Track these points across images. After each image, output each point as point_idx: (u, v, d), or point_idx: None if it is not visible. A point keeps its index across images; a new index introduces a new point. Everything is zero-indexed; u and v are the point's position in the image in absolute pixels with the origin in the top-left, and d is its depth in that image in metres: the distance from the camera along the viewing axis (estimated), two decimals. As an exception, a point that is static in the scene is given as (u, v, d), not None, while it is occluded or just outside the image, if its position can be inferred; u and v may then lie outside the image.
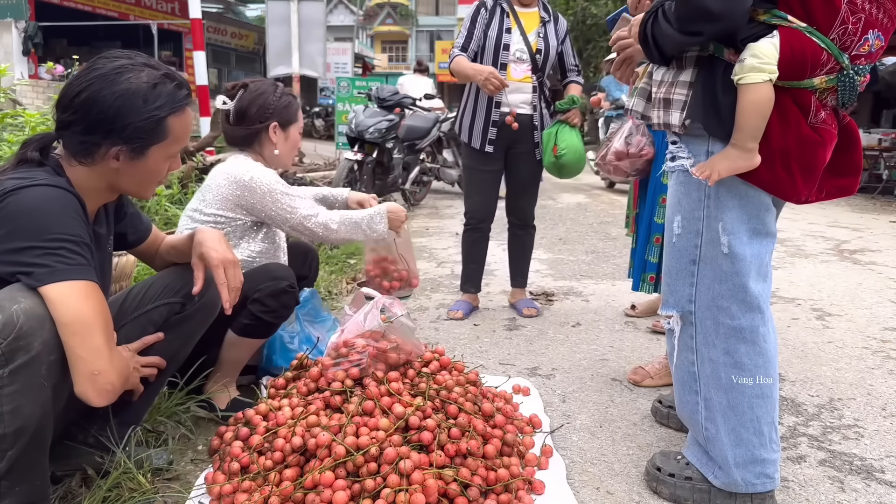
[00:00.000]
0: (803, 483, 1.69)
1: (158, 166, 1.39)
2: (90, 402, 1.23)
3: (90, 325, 1.19)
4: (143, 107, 1.29)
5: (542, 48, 2.90)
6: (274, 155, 2.10)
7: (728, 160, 1.39)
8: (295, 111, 2.13)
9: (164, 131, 1.34)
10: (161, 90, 1.32)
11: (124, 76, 1.29)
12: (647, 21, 1.45)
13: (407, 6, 40.10)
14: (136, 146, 1.32)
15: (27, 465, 1.20)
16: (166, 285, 1.60)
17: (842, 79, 1.36)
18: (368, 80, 10.10)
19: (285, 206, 2.00)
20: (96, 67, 1.29)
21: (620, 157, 2.43)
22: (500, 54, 2.87)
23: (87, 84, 1.27)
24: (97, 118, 1.27)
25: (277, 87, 2.12)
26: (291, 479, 1.45)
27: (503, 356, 2.60)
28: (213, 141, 5.14)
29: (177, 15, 15.23)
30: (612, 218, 6.38)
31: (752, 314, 1.49)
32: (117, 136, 1.29)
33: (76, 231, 1.23)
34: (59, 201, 1.23)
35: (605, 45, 18.15)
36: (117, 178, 1.37)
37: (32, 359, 1.15)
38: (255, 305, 1.89)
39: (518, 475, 1.55)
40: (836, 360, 2.61)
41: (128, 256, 2.23)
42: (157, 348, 1.55)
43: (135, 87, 1.29)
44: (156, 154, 1.36)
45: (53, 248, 1.18)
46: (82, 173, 1.33)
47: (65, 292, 1.17)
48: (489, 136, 2.94)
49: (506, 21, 2.88)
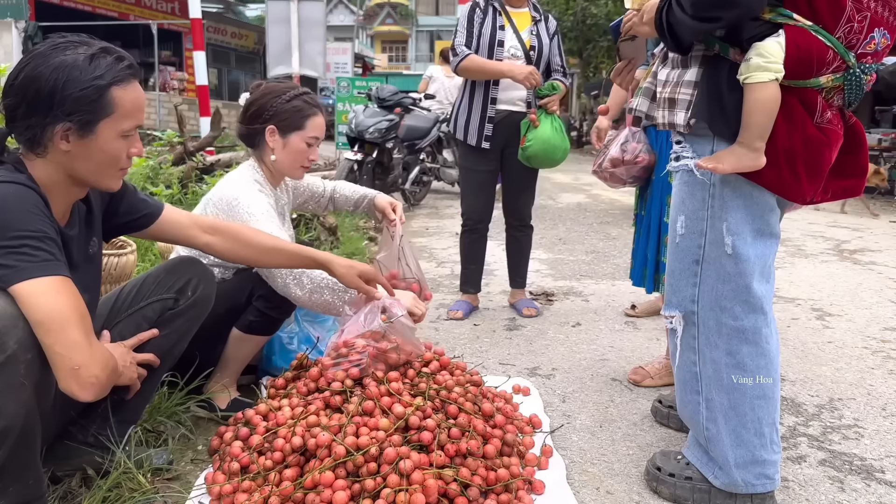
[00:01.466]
0: (803, 483, 1.69)
1: (112, 147, 1.31)
2: (77, 398, 1.20)
3: (63, 320, 1.16)
4: (81, 76, 1.24)
5: (535, 45, 2.94)
6: (272, 161, 2.02)
7: (735, 156, 1.39)
8: (302, 118, 1.99)
9: (108, 104, 1.27)
10: (100, 62, 1.26)
11: (60, 51, 1.25)
12: (662, 9, 1.44)
13: (407, 6, 40.11)
14: (81, 120, 1.25)
15: (18, 464, 1.20)
16: (158, 282, 1.60)
17: (848, 77, 1.36)
18: (368, 80, 10.10)
19: None
20: (34, 49, 1.27)
21: (616, 164, 2.44)
22: (495, 51, 2.90)
23: (25, 65, 1.24)
24: (36, 95, 1.23)
25: (289, 92, 2.00)
26: (291, 479, 1.45)
27: (503, 356, 2.60)
28: (213, 141, 5.14)
29: (177, 15, 15.23)
30: (612, 218, 6.38)
31: (755, 315, 1.49)
32: (59, 111, 1.23)
33: (37, 227, 1.19)
34: (17, 198, 1.20)
35: (605, 44, 18.16)
36: (72, 163, 1.29)
37: (9, 358, 1.13)
38: (260, 302, 1.91)
39: (518, 475, 1.55)
40: (836, 360, 2.61)
41: (128, 256, 2.23)
42: (152, 345, 1.55)
43: (70, 59, 1.24)
44: (106, 131, 1.28)
45: (15, 247, 1.15)
46: (40, 167, 1.29)
47: (33, 290, 1.14)
48: (485, 132, 2.95)
49: (498, 19, 2.92)
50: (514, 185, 3.12)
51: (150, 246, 3.09)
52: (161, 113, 12.78)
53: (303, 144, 2.00)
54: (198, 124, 5.77)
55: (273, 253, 1.71)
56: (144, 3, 15.20)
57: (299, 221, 4.17)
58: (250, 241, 1.69)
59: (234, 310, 1.93)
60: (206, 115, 5.59)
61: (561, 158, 2.92)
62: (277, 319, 1.96)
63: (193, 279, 1.63)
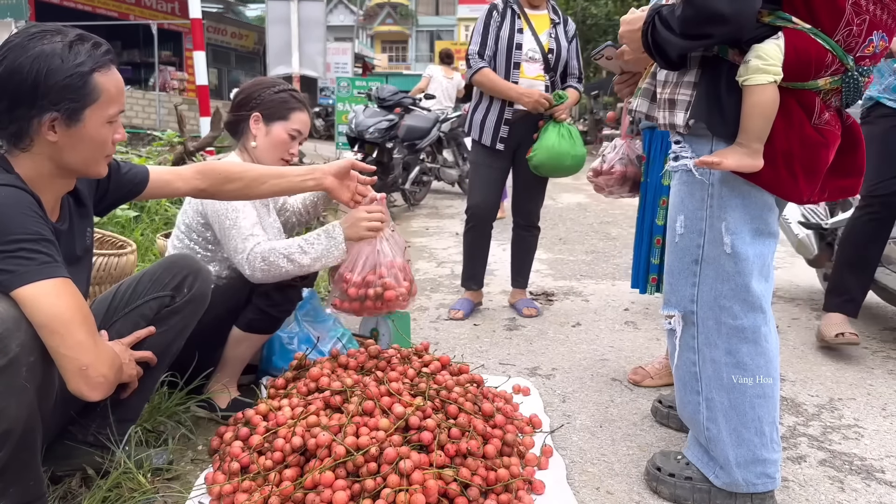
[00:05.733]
0: (803, 483, 1.69)
1: (99, 133, 1.31)
2: (86, 398, 1.21)
3: (68, 322, 1.16)
4: (63, 65, 1.23)
5: (553, 48, 2.93)
6: (252, 147, 2.04)
7: (735, 154, 1.39)
8: (287, 109, 2.03)
9: (93, 90, 1.27)
10: (79, 49, 1.26)
11: (37, 41, 1.24)
12: (646, 31, 1.45)
13: (407, 6, 40.11)
14: (68, 109, 1.25)
15: (19, 466, 1.20)
16: (155, 280, 1.60)
17: (846, 80, 1.36)
18: (368, 80, 10.10)
19: (232, 238, 1.86)
20: (9, 42, 1.25)
21: (596, 174, 2.56)
22: (513, 53, 2.89)
23: (2, 58, 1.22)
24: (18, 87, 1.21)
25: (277, 85, 2.06)
26: (291, 479, 1.45)
27: (503, 356, 2.60)
28: (213, 141, 5.13)
29: (177, 15, 15.23)
30: (612, 218, 6.38)
31: (754, 314, 1.49)
32: (44, 101, 1.23)
33: (34, 229, 1.18)
34: (12, 201, 1.19)
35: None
36: (60, 154, 1.29)
37: (11, 361, 1.13)
38: (260, 300, 1.90)
39: (518, 475, 1.55)
40: (836, 360, 2.61)
41: (128, 256, 2.23)
42: (149, 342, 1.55)
43: (49, 48, 1.23)
44: (92, 118, 1.28)
45: (12, 251, 1.15)
46: (27, 162, 1.28)
47: (35, 294, 1.14)
48: (500, 133, 2.95)
49: (517, 22, 2.92)
50: (525, 184, 3.12)
51: (150, 246, 3.09)
52: (161, 113, 12.77)
53: (285, 135, 2.03)
54: (198, 124, 5.76)
55: (262, 179, 1.73)
56: (144, 3, 15.20)
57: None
58: (237, 174, 1.70)
59: (235, 309, 1.93)
60: (206, 115, 5.58)
61: (572, 165, 2.90)
62: (278, 318, 1.96)
63: (190, 276, 1.63)
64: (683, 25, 1.35)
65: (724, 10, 1.27)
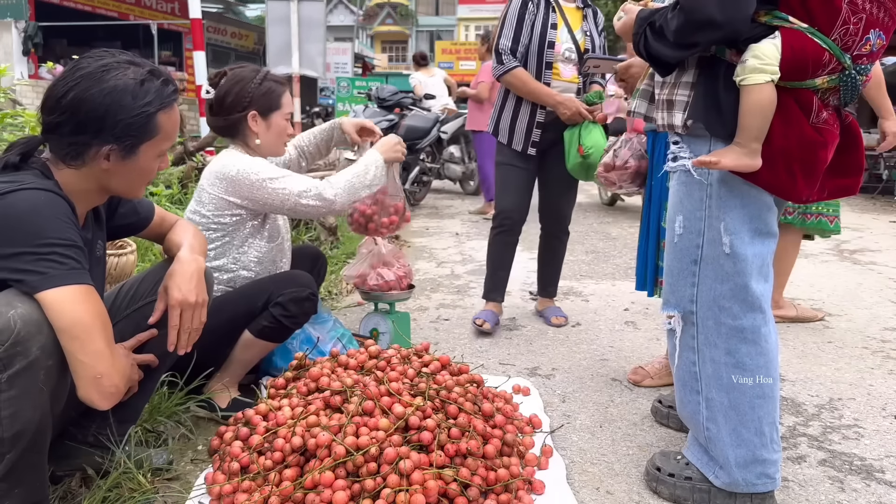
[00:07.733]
0: (803, 483, 1.69)
1: (149, 165, 1.37)
2: (95, 406, 1.23)
3: (89, 329, 1.18)
4: (133, 103, 1.27)
5: (589, 48, 2.76)
6: (257, 145, 2.05)
7: (733, 154, 1.39)
8: (277, 97, 2.05)
9: (154, 128, 1.32)
10: (149, 87, 1.30)
11: (111, 74, 1.27)
12: (637, 43, 1.46)
13: (407, 6, 40.11)
14: (127, 144, 1.29)
15: (26, 467, 1.20)
16: (157, 281, 1.60)
17: (844, 79, 1.36)
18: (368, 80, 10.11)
19: (277, 192, 1.94)
20: (81, 67, 1.27)
21: (608, 169, 2.52)
22: (546, 53, 2.68)
23: (74, 84, 1.25)
24: (86, 117, 1.25)
25: (258, 74, 2.05)
26: (291, 479, 1.45)
27: (503, 356, 2.60)
28: (213, 141, 5.13)
29: (177, 15, 15.22)
30: (612, 218, 6.38)
31: (754, 314, 1.49)
32: (108, 135, 1.27)
33: (67, 235, 1.20)
34: (50, 205, 1.21)
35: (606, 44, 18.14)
36: (108, 178, 1.34)
37: (31, 364, 1.14)
38: (276, 309, 1.91)
39: (518, 475, 1.55)
40: (836, 360, 2.61)
41: (128, 256, 2.23)
42: (150, 344, 1.55)
43: (122, 84, 1.27)
44: (147, 152, 1.34)
45: (45, 254, 1.16)
46: (71, 176, 1.31)
47: (60, 298, 1.16)
48: (532, 137, 2.77)
49: (552, 16, 2.69)
50: (557, 186, 2.93)
51: (151, 246, 3.09)
52: (161, 113, 12.73)
53: (283, 121, 2.09)
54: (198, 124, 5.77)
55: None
56: (144, 3, 15.19)
57: (299, 222, 4.18)
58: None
59: (250, 313, 1.93)
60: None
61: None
62: (290, 329, 1.96)
63: None
64: (676, 35, 1.36)
65: (717, 16, 1.28)
